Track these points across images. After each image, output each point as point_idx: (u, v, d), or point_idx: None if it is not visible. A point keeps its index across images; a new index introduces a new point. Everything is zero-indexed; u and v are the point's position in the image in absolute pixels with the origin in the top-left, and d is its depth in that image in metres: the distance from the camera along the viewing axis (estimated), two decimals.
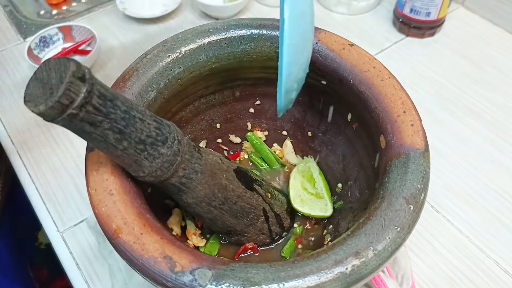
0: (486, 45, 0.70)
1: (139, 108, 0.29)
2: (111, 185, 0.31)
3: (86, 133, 0.27)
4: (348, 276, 0.28)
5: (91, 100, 0.25)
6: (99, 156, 0.33)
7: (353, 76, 0.38)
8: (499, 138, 0.58)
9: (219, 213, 0.37)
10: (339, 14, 0.76)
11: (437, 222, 0.51)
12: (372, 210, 0.31)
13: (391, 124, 0.35)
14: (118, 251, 0.29)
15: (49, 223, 0.52)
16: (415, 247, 0.49)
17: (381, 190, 0.32)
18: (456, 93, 0.64)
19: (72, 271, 0.48)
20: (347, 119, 0.42)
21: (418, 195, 0.31)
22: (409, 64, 0.68)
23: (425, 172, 0.32)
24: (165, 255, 0.28)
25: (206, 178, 0.34)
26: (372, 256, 0.28)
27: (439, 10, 0.67)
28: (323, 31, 0.41)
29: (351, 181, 0.43)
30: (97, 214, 0.31)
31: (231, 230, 0.39)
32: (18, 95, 0.65)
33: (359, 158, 0.41)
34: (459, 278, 0.47)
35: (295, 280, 0.27)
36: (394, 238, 0.29)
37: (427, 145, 0.34)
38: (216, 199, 0.36)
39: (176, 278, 0.28)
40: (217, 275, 0.28)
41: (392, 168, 0.33)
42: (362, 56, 0.38)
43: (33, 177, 0.56)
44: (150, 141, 0.29)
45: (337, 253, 0.29)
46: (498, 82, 0.65)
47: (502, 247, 0.49)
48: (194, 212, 0.37)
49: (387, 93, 0.36)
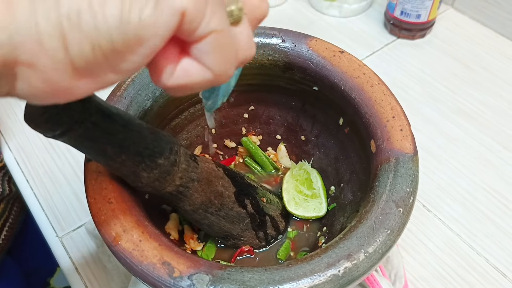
0: (476, 46, 0.71)
1: (137, 121, 0.30)
2: (110, 194, 0.32)
3: (85, 147, 0.28)
4: (341, 278, 0.29)
5: (90, 117, 0.26)
6: (97, 165, 0.33)
7: (343, 82, 0.39)
8: (489, 138, 0.59)
9: (216, 219, 0.38)
10: (331, 16, 0.77)
11: (429, 221, 0.52)
12: (363, 213, 0.32)
13: (381, 129, 0.36)
14: (118, 258, 0.30)
15: (48, 228, 0.52)
16: (407, 246, 0.50)
17: (371, 194, 0.33)
18: (446, 94, 0.65)
19: (72, 276, 0.49)
20: (339, 123, 0.43)
21: (407, 198, 0.32)
22: (400, 66, 0.69)
23: (414, 176, 0.33)
24: (164, 261, 0.29)
25: (202, 186, 0.35)
26: (363, 258, 0.30)
27: (429, 12, 0.68)
28: (314, 38, 0.42)
29: (343, 183, 0.44)
30: (97, 222, 0.31)
31: (227, 234, 0.40)
32: (13, 100, 0.65)
33: (351, 161, 0.42)
34: (450, 275, 0.48)
35: (289, 283, 0.28)
36: (385, 240, 0.30)
37: (416, 149, 0.35)
38: (212, 205, 0.37)
39: (174, 283, 0.29)
40: (214, 280, 0.29)
41: (382, 172, 0.34)
42: (352, 63, 0.39)
43: (31, 183, 0.56)
44: (147, 153, 0.30)
45: (329, 256, 0.30)
46: (488, 82, 0.66)
47: (492, 245, 0.50)
48: (191, 218, 0.38)
49: (376, 99, 0.37)
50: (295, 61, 0.41)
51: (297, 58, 0.41)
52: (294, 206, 0.45)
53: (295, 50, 0.41)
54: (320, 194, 0.45)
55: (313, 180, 0.46)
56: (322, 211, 0.45)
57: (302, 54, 0.41)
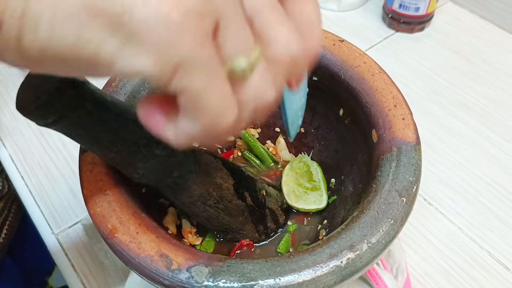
0: (475, 39, 0.71)
1: (132, 111, 0.29)
2: (106, 185, 0.31)
3: (79, 136, 0.27)
4: (344, 269, 0.28)
5: (83, 104, 0.25)
6: (93, 157, 0.33)
7: (344, 72, 0.38)
8: (490, 131, 0.59)
9: (214, 212, 0.37)
10: (329, 10, 0.76)
11: (430, 215, 0.51)
12: (366, 203, 0.31)
13: (383, 118, 0.35)
14: (114, 251, 0.29)
15: (43, 225, 0.52)
16: (409, 240, 0.49)
17: (373, 184, 0.32)
18: (446, 87, 0.64)
19: (68, 273, 0.48)
20: (339, 114, 0.42)
21: (410, 187, 0.32)
22: (399, 59, 0.68)
23: (417, 165, 0.33)
24: (162, 253, 0.29)
25: (200, 177, 0.34)
26: (366, 249, 0.29)
27: (428, 5, 0.68)
28: None
29: (344, 175, 0.43)
30: (92, 214, 0.31)
31: (227, 228, 0.39)
32: (8, 97, 0.64)
33: (352, 152, 0.42)
34: (453, 268, 0.47)
35: (291, 275, 0.28)
36: (388, 230, 0.30)
37: (419, 138, 0.34)
38: (211, 198, 0.36)
39: (173, 276, 0.28)
40: (213, 272, 0.28)
41: (384, 162, 0.33)
42: (352, 52, 0.39)
43: (26, 180, 0.55)
44: (143, 143, 0.29)
45: (332, 246, 0.29)
46: (488, 75, 0.66)
47: (494, 237, 0.49)
48: (189, 211, 0.37)
49: (377, 88, 0.37)
50: None
51: None
52: (294, 199, 0.44)
53: None
54: (321, 186, 0.44)
55: (313, 173, 0.45)
56: (322, 204, 0.44)
57: None
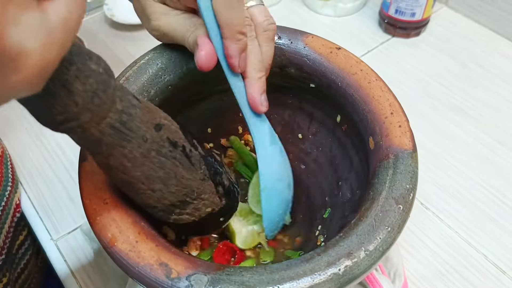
0: (470, 43, 0.71)
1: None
2: (105, 194, 0.32)
3: None
4: (341, 277, 0.28)
5: None
6: (92, 166, 0.33)
7: (341, 79, 0.39)
8: (485, 135, 0.59)
9: (172, 166, 0.32)
10: (325, 16, 0.76)
11: (427, 219, 0.52)
12: (363, 211, 0.32)
13: (379, 126, 0.36)
14: (114, 259, 0.30)
15: (42, 231, 0.52)
16: (406, 244, 0.50)
17: (371, 191, 0.33)
18: (442, 91, 0.65)
19: (67, 279, 0.48)
20: (336, 121, 0.42)
21: (407, 195, 0.32)
22: (395, 64, 0.69)
23: (414, 172, 0.33)
24: (161, 262, 0.29)
25: (144, 113, 0.30)
26: (364, 256, 0.29)
27: (424, 10, 0.68)
28: (310, 35, 0.41)
29: (342, 181, 0.44)
30: (92, 223, 0.31)
31: (187, 192, 0.34)
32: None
33: (349, 159, 0.42)
34: (449, 272, 0.48)
35: (289, 282, 0.28)
36: (385, 238, 0.30)
37: (415, 145, 0.35)
38: (164, 143, 0.31)
39: (172, 284, 0.28)
40: (213, 280, 0.28)
41: (381, 169, 0.34)
42: (349, 59, 0.39)
43: (24, 186, 0.55)
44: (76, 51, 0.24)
45: (329, 254, 0.29)
46: (483, 79, 0.66)
47: (490, 241, 0.50)
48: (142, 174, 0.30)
49: (374, 95, 0.37)
50: (291, 58, 0.41)
51: (293, 55, 0.41)
52: (255, 204, 0.44)
53: (292, 47, 0.41)
54: None
55: None
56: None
57: (299, 51, 0.40)
